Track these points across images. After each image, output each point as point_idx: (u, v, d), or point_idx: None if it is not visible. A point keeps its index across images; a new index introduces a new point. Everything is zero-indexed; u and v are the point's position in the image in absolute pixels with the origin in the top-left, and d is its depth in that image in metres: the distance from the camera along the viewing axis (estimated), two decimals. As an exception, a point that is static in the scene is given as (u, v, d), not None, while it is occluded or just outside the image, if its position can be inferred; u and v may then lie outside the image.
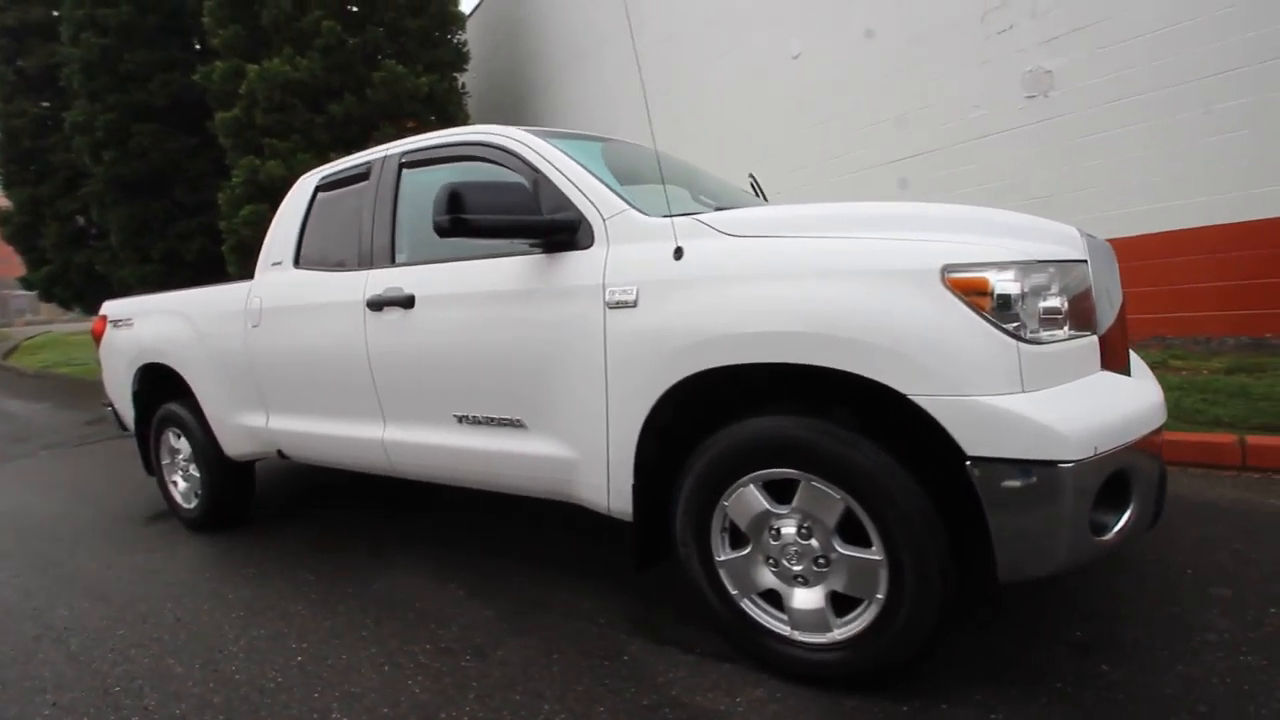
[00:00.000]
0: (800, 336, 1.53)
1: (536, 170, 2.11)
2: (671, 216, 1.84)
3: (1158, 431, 1.56)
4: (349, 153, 9.57)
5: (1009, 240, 1.54)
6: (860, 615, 1.63)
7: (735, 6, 8.00)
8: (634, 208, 1.94)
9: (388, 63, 9.38)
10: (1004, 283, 1.41)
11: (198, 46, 12.47)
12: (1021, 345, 1.40)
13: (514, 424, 2.16)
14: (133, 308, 3.81)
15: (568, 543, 2.91)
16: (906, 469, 1.51)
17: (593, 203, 1.98)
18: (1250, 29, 4.08)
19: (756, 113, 7.99)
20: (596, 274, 1.90)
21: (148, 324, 3.63)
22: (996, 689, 1.63)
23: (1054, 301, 1.45)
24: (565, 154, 2.14)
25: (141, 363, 3.65)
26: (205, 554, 3.25)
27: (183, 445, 3.60)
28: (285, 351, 2.84)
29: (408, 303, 2.35)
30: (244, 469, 3.54)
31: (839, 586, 1.65)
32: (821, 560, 1.66)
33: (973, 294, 1.42)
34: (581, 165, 2.09)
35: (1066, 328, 1.46)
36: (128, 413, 3.90)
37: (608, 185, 2.02)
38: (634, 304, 1.82)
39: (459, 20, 10.72)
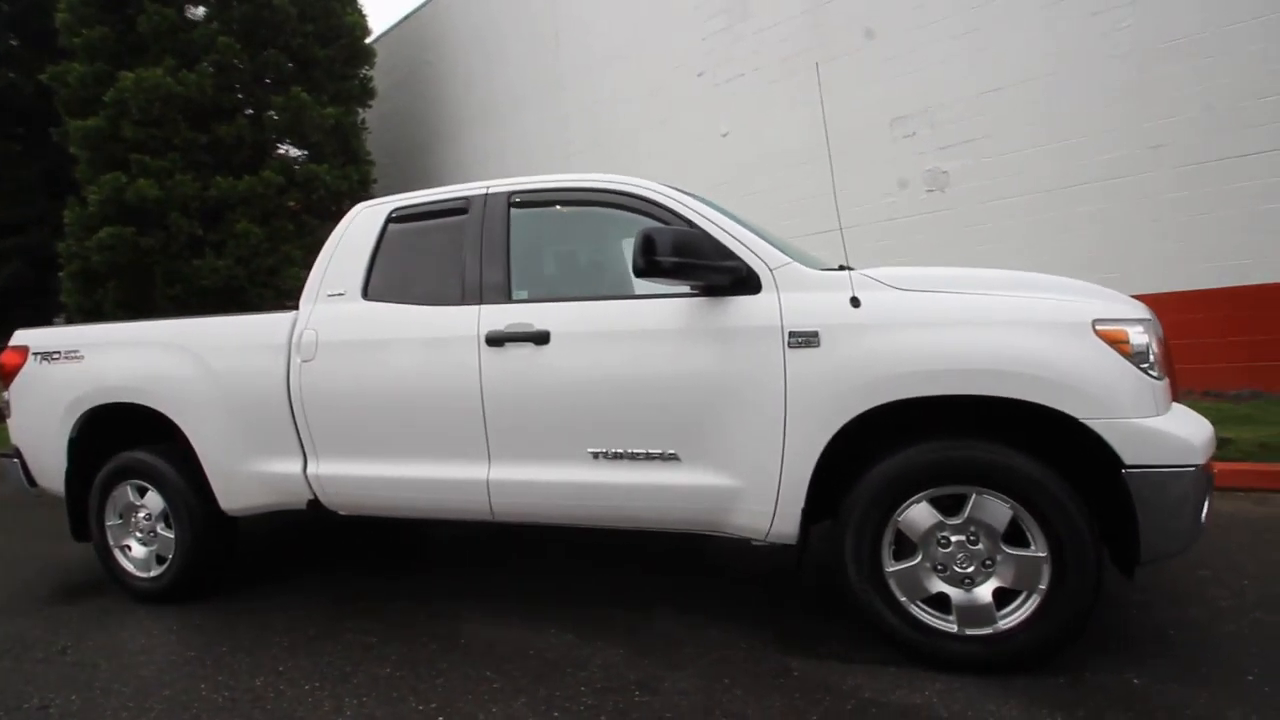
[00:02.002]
0: (990, 373, 1.89)
1: (690, 223, 2.31)
2: (848, 271, 2.13)
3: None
4: (238, 178, 8.94)
5: (1103, 301, 2.05)
6: (1022, 606, 1.95)
7: (667, 83, 8.75)
8: (797, 260, 2.22)
9: (295, 89, 8.81)
10: (1137, 334, 1.90)
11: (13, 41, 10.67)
12: (1153, 381, 1.88)
13: (667, 457, 2.25)
14: (80, 338, 3.22)
15: (632, 582, 2.97)
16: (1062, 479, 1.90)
17: (757, 254, 2.22)
18: (1103, 153, 5.48)
19: (688, 181, 8.69)
20: (773, 317, 2.13)
21: (111, 357, 3.10)
22: (1129, 657, 2.03)
23: (1157, 348, 1.96)
24: (713, 208, 2.37)
25: (95, 404, 3.09)
26: (199, 628, 2.78)
27: (149, 501, 3.06)
28: (355, 389, 2.62)
29: (541, 338, 2.36)
30: (230, 527, 3.09)
31: (1003, 583, 1.97)
32: (988, 562, 1.98)
33: (1116, 342, 1.88)
34: (734, 219, 2.33)
35: (1160, 369, 1.98)
36: (52, 465, 3.22)
37: (765, 239, 2.28)
38: (817, 344, 2.06)
39: (369, 56, 10.42)
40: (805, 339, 2.07)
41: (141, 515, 3.11)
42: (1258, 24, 4.80)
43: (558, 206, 2.60)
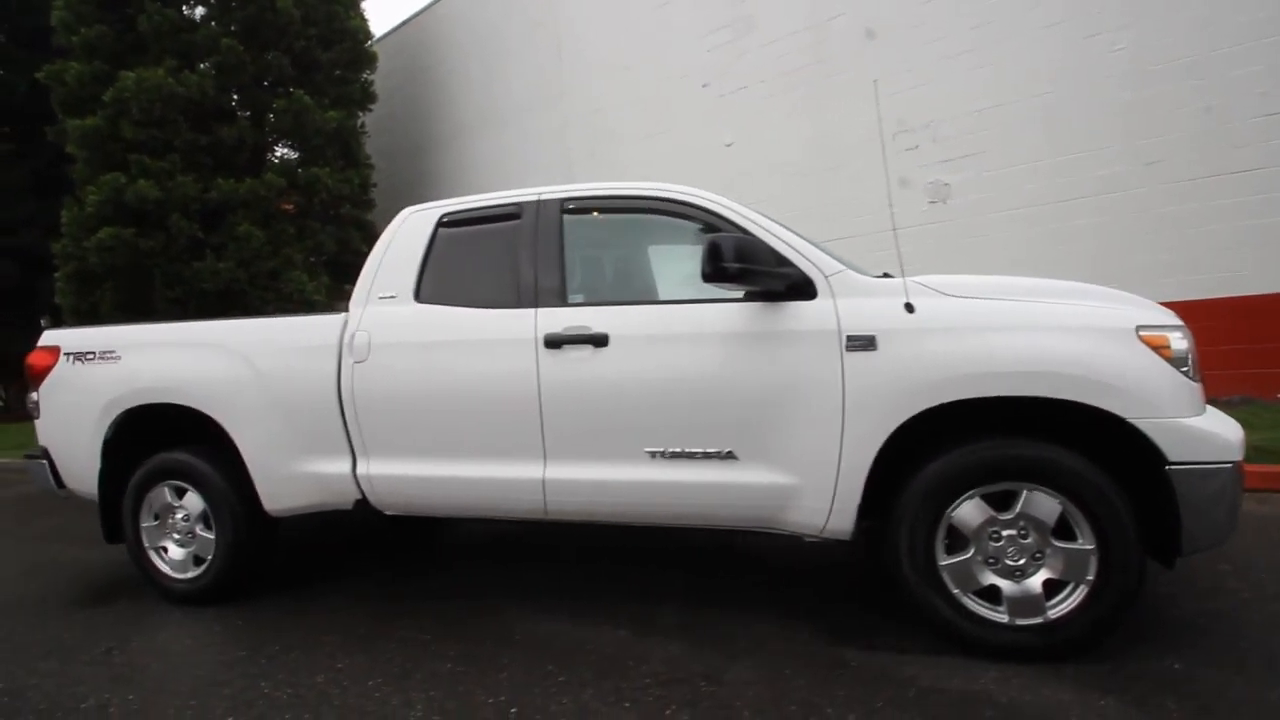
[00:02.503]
0: (1045, 376, 2.00)
1: (745, 231, 2.40)
2: (903, 278, 2.24)
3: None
4: (239, 180, 8.91)
5: (1141, 308, 2.18)
6: (1069, 596, 2.06)
7: (670, 93, 8.89)
8: (850, 268, 2.32)
9: (297, 92, 8.79)
10: (1177, 339, 2.03)
11: None
12: (1192, 383, 2.01)
13: (724, 456, 2.33)
14: (117, 338, 3.21)
15: (669, 579, 3.05)
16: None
17: (812, 261, 2.32)
18: (1100, 168, 5.71)
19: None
20: (830, 321, 2.23)
21: (150, 358, 3.09)
22: (1166, 645, 2.14)
23: (1193, 353, 2.09)
24: (768, 218, 2.46)
25: (133, 404, 3.08)
26: (244, 629, 2.78)
27: (188, 503, 3.06)
28: (409, 389, 2.66)
29: (600, 341, 2.43)
30: (270, 529, 3.10)
31: (1052, 575, 2.07)
32: (1038, 555, 2.08)
33: (1159, 347, 2.01)
34: (786, 229, 2.43)
35: (1196, 372, 2.11)
36: (83, 466, 3.20)
37: (818, 247, 2.38)
38: (874, 348, 2.16)
39: (371, 60, 10.42)
40: (863, 343, 2.17)
41: (179, 516, 3.10)
42: (1246, 49, 5.06)
43: (607, 214, 2.67)
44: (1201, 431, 1.95)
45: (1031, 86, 6.09)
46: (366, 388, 2.72)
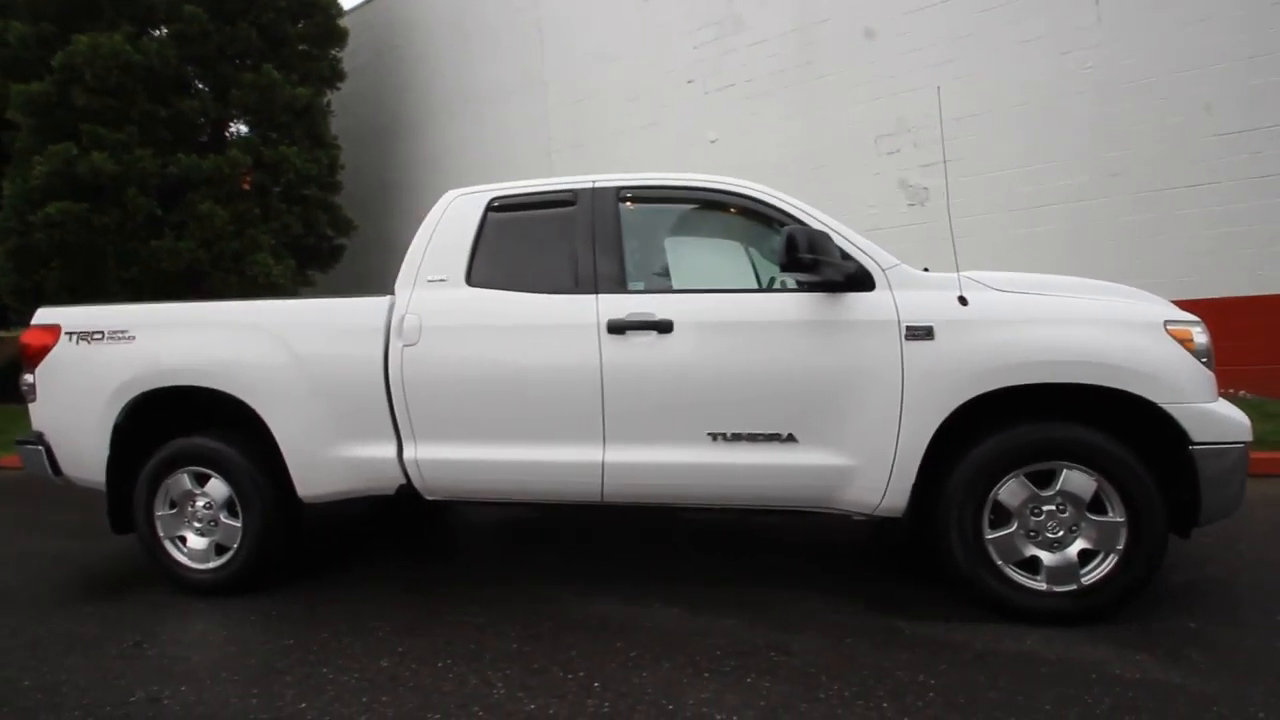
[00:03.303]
0: (1088, 364, 2.20)
1: (803, 224, 2.50)
2: (957, 273, 2.40)
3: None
4: (201, 155, 8.48)
5: (1165, 306, 2.41)
6: (1101, 564, 2.27)
7: (655, 87, 8.93)
8: (903, 264, 2.46)
9: (265, 67, 8.37)
10: (1199, 334, 2.26)
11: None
12: (1210, 373, 2.24)
13: (784, 438, 2.44)
14: (129, 317, 3.05)
15: (705, 561, 3.16)
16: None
17: (871, 256, 2.45)
18: (1067, 178, 6.11)
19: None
20: (890, 312, 2.36)
21: (171, 339, 2.96)
22: (1179, 607, 2.38)
23: (1210, 346, 2.33)
24: (823, 214, 2.58)
25: (150, 387, 2.94)
26: (279, 618, 2.72)
27: (212, 490, 2.95)
28: (463, 372, 2.65)
29: (664, 327, 2.50)
30: (297, 516, 3.03)
31: (1086, 545, 2.28)
32: (1074, 527, 2.28)
33: (1184, 340, 2.23)
34: (842, 225, 2.55)
35: (1212, 363, 2.35)
36: (87, 452, 3.03)
37: (872, 244, 2.51)
38: (931, 338, 2.31)
39: (342, 36, 10.03)
40: (922, 333, 2.32)
41: (201, 504, 2.98)
42: (1203, 72, 5.53)
43: (662, 204, 2.73)
44: (1220, 415, 2.19)
45: (1004, 99, 6.46)
46: (418, 371, 2.69)
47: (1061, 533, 2.29)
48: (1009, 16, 6.43)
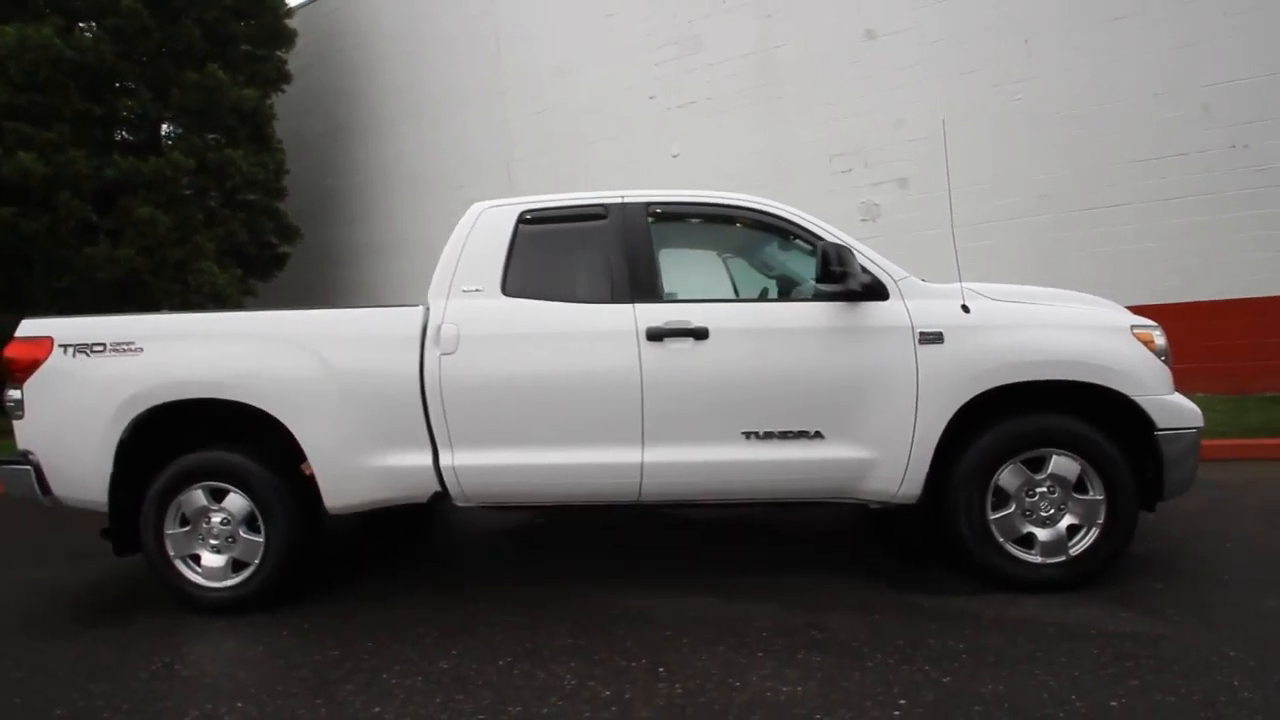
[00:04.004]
0: (1077, 364, 2.54)
1: (820, 240, 2.76)
2: (960, 283, 2.70)
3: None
4: (140, 157, 8.12)
5: (1124, 312, 2.81)
6: (1085, 537, 2.61)
7: (617, 101, 9.14)
8: (910, 275, 2.75)
9: (210, 66, 8.01)
10: (1159, 336, 2.66)
11: None
12: (1168, 369, 2.64)
13: (811, 435, 2.66)
14: (133, 328, 2.94)
15: (720, 555, 3.36)
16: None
17: (883, 268, 2.73)
18: (999, 198, 6.75)
19: (632, 195, 9.13)
20: (904, 319, 2.64)
21: (185, 350, 2.88)
22: (1147, 571, 2.76)
23: (1167, 346, 2.73)
24: (838, 230, 2.84)
25: (161, 400, 2.85)
26: (312, 631, 2.72)
27: (230, 505, 2.88)
28: (503, 380, 2.73)
29: (700, 334, 2.67)
30: (318, 529, 3.01)
31: (1073, 521, 2.62)
32: (1062, 506, 2.62)
33: (1147, 342, 2.62)
34: (856, 241, 2.81)
35: (1169, 361, 2.76)
36: (83, 471, 2.90)
37: (883, 258, 2.79)
38: (941, 341, 2.60)
39: (290, 37, 9.70)
40: (933, 337, 2.61)
41: (218, 520, 2.90)
42: (1117, 106, 6.28)
43: (691, 219, 2.92)
44: (1178, 405, 2.59)
45: (949, 123, 7.06)
46: (457, 379, 2.74)
47: (1052, 511, 2.63)
48: (951, 48, 7.05)
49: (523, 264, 2.88)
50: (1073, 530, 2.63)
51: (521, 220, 2.94)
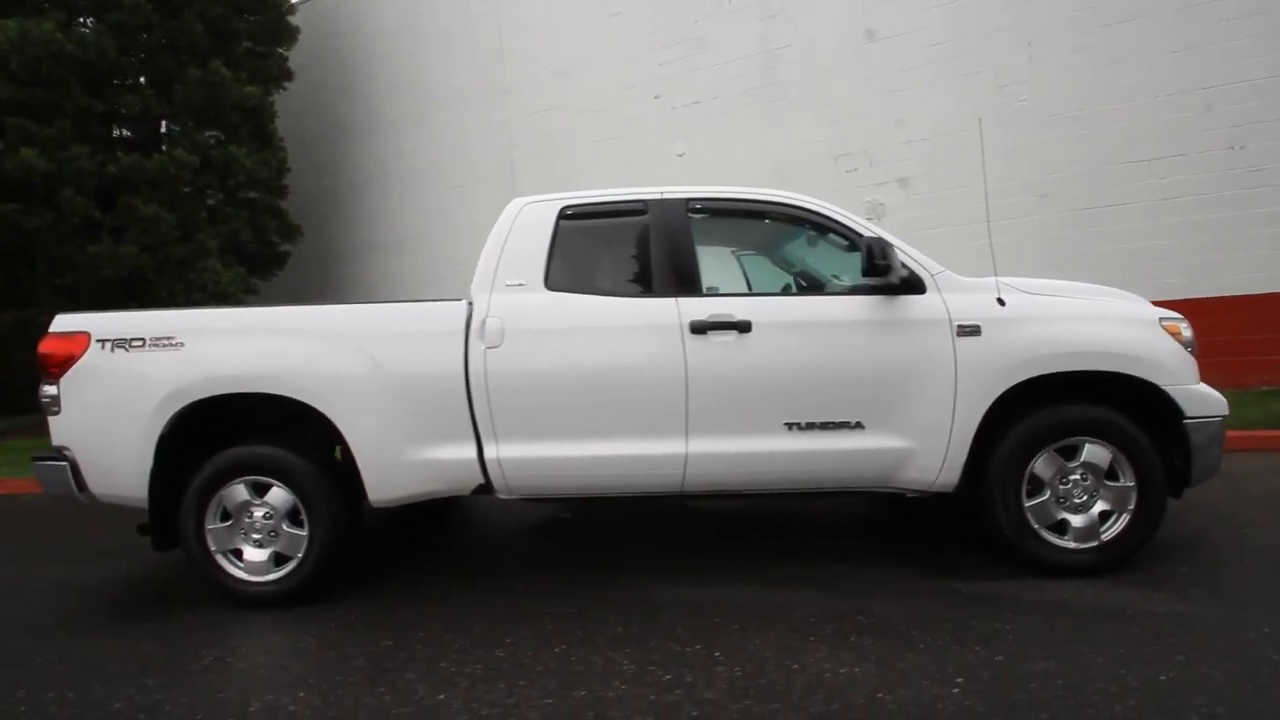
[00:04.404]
0: (1110, 355, 2.63)
1: (863, 237, 2.82)
2: (995, 277, 2.77)
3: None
4: (143, 154, 8.06)
5: (1148, 305, 2.90)
6: (1116, 523, 2.70)
7: (620, 101, 9.17)
8: (946, 269, 2.82)
9: (214, 63, 7.94)
10: (1185, 328, 2.75)
11: None
12: (1194, 359, 2.73)
13: (852, 425, 2.72)
14: (177, 323, 2.95)
15: (750, 547, 3.44)
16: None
17: (920, 263, 2.80)
18: (1004, 198, 6.86)
19: (636, 194, 9.17)
20: (941, 312, 2.71)
21: (229, 345, 2.89)
22: (1170, 555, 2.85)
23: (1194, 338, 2.83)
24: (875, 226, 2.90)
25: (204, 395, 2.86)
26: (358, 624, 2.74)
27: (273, 499, 2.89)
28: (549, 373, 2.76)
29: (744, 327, 2.73)
30: (359, 523, 3.03)
31: (1105, 507, 2.70)
32: (1094, 493, 2.70)
33: (1175, 334, 2.71)
34: (894, 237, 2.88)
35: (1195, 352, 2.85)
36: (122, 467, 2.90)
37: (920, 253, 2.86)
38: (978, 333, 2.68)
39: (292, 34, 9.63)
40: (971, 330, 2.68)
41: (260, 515, 2.90)
42: (1118, 108, 6.43)
43: (729, 215, 2.97)
44: (1205, 394, 2.68)
45: (948, 126, 7.18)
46: (502, 372, 2.77)
47: (1085, 498, 2.71)
48: (954, 52, 7.17)
49: (564, 259, 2.92)
50: (1104, 516, 2.71)
51: (562, 216, 2.97)
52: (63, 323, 3.01)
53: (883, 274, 2.58)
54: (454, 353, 2.82)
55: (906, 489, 2.81)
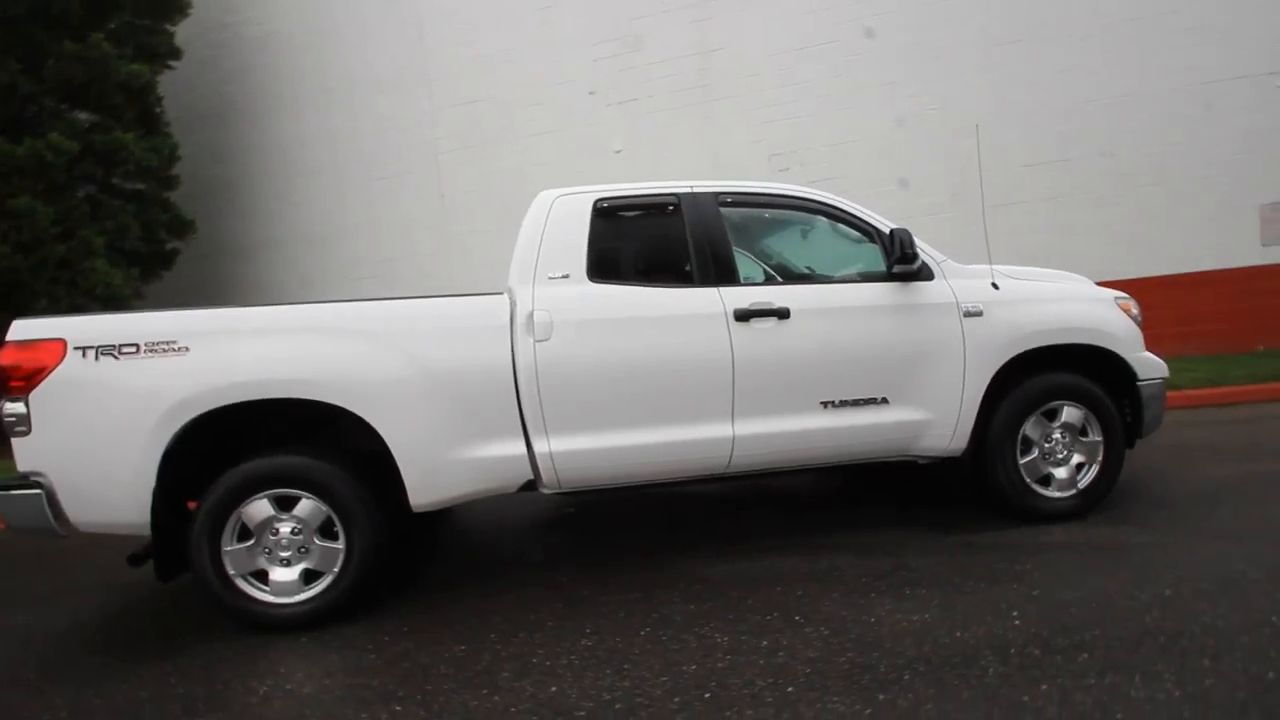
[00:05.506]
0: (1084, 330, 3.09)
1: (878, 229, 3.10)
2: (990, 265, 3.15)
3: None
4: (6, 139, 7.11)
5: (1096, 286, 3.43)
6: (1089, 473, 3.17)
7: (554, 95, 9.08)
8: (948, 259, 3.17)
9: (95, 36, 6.99)
10: (1134, 306, 3.28)
11: None
12: (1140, 332, 3.26)
13: (878, 401, 3.00)
14: (178, 325, 2.67)
15: (768, 519, 3.67)
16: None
17: (928, 253, 3.12)
18: (923, 196, 7.60)
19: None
20: (949, 296, 3.04)
21: (247, 348, 2.66)
22: (1131, 500, 3.38)
23: (1140, 313, 3.37)
24: (888, 220, 3.19)
25: (220, 404, 2.62)
26: (413, 633, 2.68)
27: (302, 512, 2.71)
28: (600, 364, 2.79)
29: (783, 314, 2.91)
30: (395, 531, 2.91)
31: (1080, 460, 3.17)
32: (1070, 449, 3.16)
33: (1127, 310, 3.23)
34: (902, 229, 3.18)
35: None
36: (123, 491, 2.60)
37: (925, 244, 3.18)
38: (981, 315, 3.04)
39: (182, 8, 8.64)
40: (975, 312, 3.03)
41: (286, 530, 2.69)
42: (1017, 113, 7.33)
43: (758, 208, 3.14)
44: (1151, 360, 3.22)
45: (874, 130, 7.86)
46: (553, 366, 2.76)
47: (1065, 453, 3.16)
48: (872, 63, 7.83)
49: (601, 250, 2.96)
50: (1078, 468, 3.18)
51: (596, 208, 3.00)
52: (25, 329, 2.61)
53: (910, 262, 2.86)
54: (500, 347, 2.77)
55: (921, 456, 3.13)
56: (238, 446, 2.72)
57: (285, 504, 2.69)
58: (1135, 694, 1.83)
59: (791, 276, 3.16)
